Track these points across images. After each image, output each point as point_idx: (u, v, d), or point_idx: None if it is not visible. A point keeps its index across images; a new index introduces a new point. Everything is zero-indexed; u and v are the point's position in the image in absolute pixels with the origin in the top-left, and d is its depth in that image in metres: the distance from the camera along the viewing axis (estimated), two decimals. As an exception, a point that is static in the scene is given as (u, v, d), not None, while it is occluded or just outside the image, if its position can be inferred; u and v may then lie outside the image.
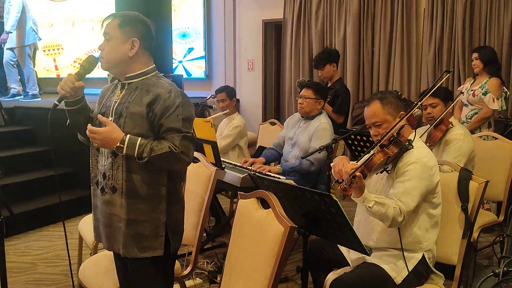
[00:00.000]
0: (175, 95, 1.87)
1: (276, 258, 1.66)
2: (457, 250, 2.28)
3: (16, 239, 4.01)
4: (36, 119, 5.28)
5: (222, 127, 4.35)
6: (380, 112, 2.21)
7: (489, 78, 4.01)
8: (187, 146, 1.85)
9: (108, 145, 1.84)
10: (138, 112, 1.86)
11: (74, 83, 1.87)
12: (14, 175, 4.58)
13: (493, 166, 3.26)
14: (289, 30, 6.43)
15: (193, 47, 7.53)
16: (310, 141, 3.46)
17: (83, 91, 1.94)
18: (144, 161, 1.81)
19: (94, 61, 1.95)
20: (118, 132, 1.83)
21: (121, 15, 1.93)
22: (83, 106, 1.96)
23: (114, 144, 1.82)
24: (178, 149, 1.82)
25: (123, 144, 1.81)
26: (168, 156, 1.81)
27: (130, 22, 1.91)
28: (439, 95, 3.09)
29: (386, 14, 5.68)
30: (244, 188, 2.96)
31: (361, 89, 5.96)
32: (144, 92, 1.89)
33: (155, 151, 1.80)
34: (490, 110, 3.94)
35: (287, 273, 3.31)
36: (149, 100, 1.86)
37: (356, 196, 2.03)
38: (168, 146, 1.82)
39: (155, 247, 1.92)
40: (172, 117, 1.84)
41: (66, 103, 1.93)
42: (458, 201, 2.31)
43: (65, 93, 1.87)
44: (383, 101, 2.23)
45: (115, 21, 1.90)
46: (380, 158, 2.05)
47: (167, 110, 1.84)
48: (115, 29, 1.89)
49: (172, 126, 1.84)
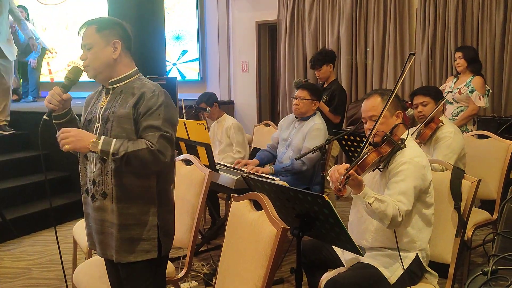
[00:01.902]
0: (158, 94, 1.87)
1: (269, 259, 1.66)
2: (450, 249, 2.28)
3: (10, 244, 4.00)
4: (31, 124, 5.26)
5: (213, 130, 4.35)
6: (379, 106, 2.21)
7: (473, 77, 4.12)
8: (165, 146, 1.82)
9: (83, 141, 1.77)
10: (124, 114, 1.85)
11: (62, 96, 1.86)
12: (8, 179, 4.57)
13: (486, 164, 3.27)
14: (282, 31, 6.44)
15: (187, 49, 7.53)
16: (304, 141, 3.46)
17: (70, 102, 1.93)
18: (119, 156, 1.76)
19: (79, 71, 1.94)
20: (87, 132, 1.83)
21: (96, 21, 1.93)
22: (71, 118, 1.95)
23: (89, 140, 1.77)
24: (154, 146, 1.79)
25: (99, 140, 1.78)
26: (144, 153, 1.77)
27: (107, 26, 1.91)
28: (430, 94, 3.12)
29: (379, 14, 5.70)
30: (238, 190, 2.96)
31: (354, 89, 5.98)
32: (129, 95, 1.89)
33: (131, 148, 1.77)
34: (476, 107, 4.06)
35: (282, 274, 3.31)
36: (134, 101, 1.85)
37: (356, 192, 2.03)
38: (144, 143, 1.79)
39: (148, 250, 1.92)
40: (154, 116, 1.83)
41: (55, 117, 1.91)
42: (451, 200, 2.31)
43: (53, 106, 1.86)
44: (384, 97, 2.24)
45: (92, 28, 1.90)
46: (374, 158, 2.06)
47: (149, 109, 1.83)
48: (94, 35, 1.89)
49: (152, 124, 1.82)
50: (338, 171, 2.00)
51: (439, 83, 5.26)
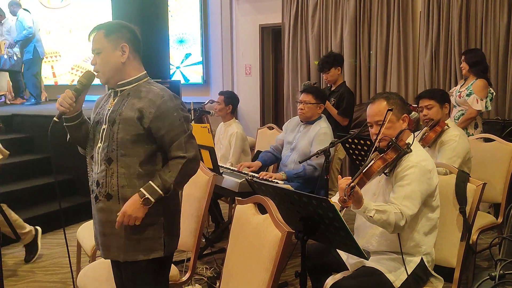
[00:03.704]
0: (168, 99, 1.89)
1: (274, 263, 1.65)
2: (456, 253, 2.27)
3: (14, 247, 4.00)
4: (34, 127, 5.27)
5: (219, 132, 4.35)
6: (385, 110, 2.17)
7: (475, 80, 4.11)
8: (191, 143, 1.91)
9: (138, 209, 1.85)
10: (130, 117, 1.87)
11: (73, 99, 1.89)
12: (12, 182, 4.57)
13: (491, 167, 3.26)
14: (286, 35, 6.44)
15: (190, 52, 7.55)
16: (311, 145, 3.45)
17: (81, 105, 1.96)
18: (172, 189, 1.87)
19: (92, 76, 1.96)
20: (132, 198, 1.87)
21: (105, 26, 1.95)
22: (82, 120, 1.98)
23: (139, 203, 1.84)
24: (186, 153, 1.87)
25: (145, 195, 1.84)
26: (185, 169, 1.88)
27: (115, 30, 1.93)
28: (435, 97, 3.10)
29: (382, 17, 5.69)
30: (242, 194, 2.96)
31: (358, 92, 5.96)
32: (136, 98, 1.90)
33: (172, 174, 1.86)
34: (474, 111, 4.03)
35: (287, 278, 3.30)
36: (141, 105, 1.87)
37: (356, 208, 2.01)
38: (177, 162, 1.87)
39: (155, 249, 1.94)
40: (169, 121, 1.86)
41: (66, 119, 1.95)
42: (456, 204, 2.30)
43: (64, 109, 1.89)
44: (389, 101, 2.22)
45: (101, 32, 1.92)
46: (380, 165, 2.05)
47: (163, 116, 1.85)
48: (102, 40, 1.91)
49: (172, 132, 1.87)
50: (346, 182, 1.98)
51: (442, 86, 5.25)
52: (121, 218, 1.86)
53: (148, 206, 1.86)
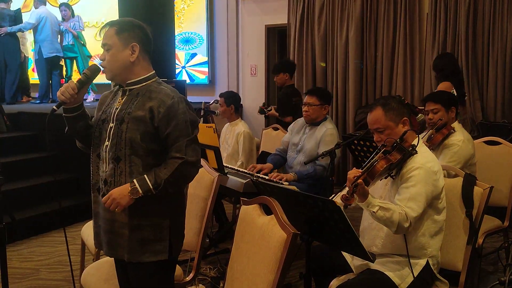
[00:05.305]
0: (178, 101, 1.89)
1: (279, 264, 1.64)
2: (461, 257, 2.26)
3: (18, 244, 4.01)
4: (40, 125, 5.28)
5: (225, 132, 4.34)
6: (382, 118, 2.20)
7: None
8: (193, 149, 1.89)
9: (124, 196, 1.84)
10: (141, 116, 1.87)
11: (75, 90, 1.88)
12: (17, 180, 4.58)
13: (497, 171, 3.24)
14: (292, 35, 6.43)
15: (196, 52, 7.55)
16: (318, 147, 3.44)
17: (82, 97, 1.95)
18: (162, 186, 1.84)
19: (97, 70, 1.96)
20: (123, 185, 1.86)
21: (117, 23, 1.94)
22: (81, 113, 1.96)
23: (127, 191, 1.83)
24: (185, 155, 1.85)
25: (135, 185, 1.83)
26: (180, 169, 1.85)
27: (127, 28, 1.92)
28: (441, 101, 3.09)
29: (389, 18, 5.67)
30: (246, 194, 2.95)
31: (364, 94, 5.95)
32: (146, 98, 1.90)
33: (166, 172, 1.84)
34: None
35: (290, 280, 3.29)
36: (152, 104, 1.87)
37: (360, 201, 2.02)
38: (174, 162, 1.85)
39: (160, 251, 1.93)
40: (175, 123, 1.86)
41: (65, 110, 1.93)
42: (462, 207, 2.29)
43: (64, 99, 1.87)
44: (386, 107, 2.22)
45: (112, 29, 1.91)
46: (383, 165, 2.04)
47: (171, 117, 1.85)
48: (113, 37, 1.90)
49: (177, 133, 1.86)
50: (349, 176, 2.00)
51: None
52: (106, 199, 1.85)
53: (135, 198, 1.84)
